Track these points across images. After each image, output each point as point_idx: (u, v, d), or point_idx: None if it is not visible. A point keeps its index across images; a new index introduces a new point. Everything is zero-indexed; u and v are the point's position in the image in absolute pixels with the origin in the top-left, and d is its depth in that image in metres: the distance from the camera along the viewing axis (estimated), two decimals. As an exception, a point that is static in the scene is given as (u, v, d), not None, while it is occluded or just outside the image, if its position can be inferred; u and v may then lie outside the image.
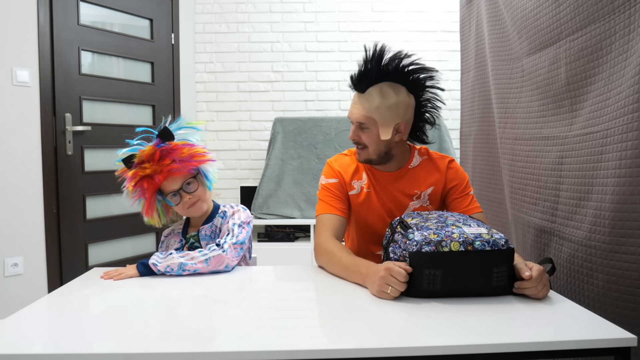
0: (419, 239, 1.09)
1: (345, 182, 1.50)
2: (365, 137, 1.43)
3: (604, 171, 1.24)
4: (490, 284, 1.09)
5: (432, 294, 1.09)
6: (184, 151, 1.38)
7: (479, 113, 2.19)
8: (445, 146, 3.48)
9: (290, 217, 3.38)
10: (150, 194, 1.38)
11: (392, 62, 1.40)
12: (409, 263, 1.10)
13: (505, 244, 1.08)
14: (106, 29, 3.03)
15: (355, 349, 0.86)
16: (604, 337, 0.88)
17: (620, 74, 1.20)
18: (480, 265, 1.08)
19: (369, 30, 3.77)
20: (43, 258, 2.70)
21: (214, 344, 0.87)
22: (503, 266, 1.08)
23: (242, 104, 3.82)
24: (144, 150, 1.38)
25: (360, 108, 1.42)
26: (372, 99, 1.40)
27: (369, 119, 1.41)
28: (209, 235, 1.47)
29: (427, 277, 1.07)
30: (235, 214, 1.47)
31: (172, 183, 1.39)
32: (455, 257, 1.07)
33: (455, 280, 1.08)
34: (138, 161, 1.37)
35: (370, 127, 1.42)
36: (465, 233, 1.09)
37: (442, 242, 1.08)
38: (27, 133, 2.61)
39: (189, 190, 1.40)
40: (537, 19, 1.56)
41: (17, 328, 0.95)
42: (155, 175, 1.35)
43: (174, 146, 1.38)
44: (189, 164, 1.38)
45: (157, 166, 1.35)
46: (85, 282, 1.28)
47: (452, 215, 1.25)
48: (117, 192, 1.43)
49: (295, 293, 1.20)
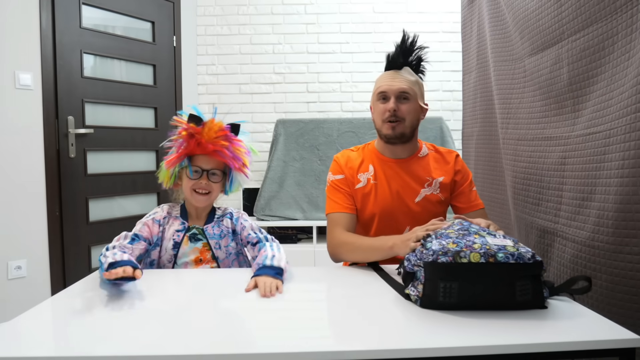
0: (437, 248, 1.03)
1: (351, 177, 1.56)
2: (405, 108, 1.49)
3: (607, 171, 1.23)
4: (514, 298, 1.01)
5: (449, 306, 1.01)
6: (240, 150, 1.45)
7: (481, 114, 2.18)
8: (448, 147, 3.47)
9: (292, 218, 3.38)
10: (185, 151, 1.42)
11: (416, 52, 1.55)
12: (424, 274, 1.04)
13: (531, 257, 1.01)
14: (108, 32, 3.04)
15: (360, 350, 0.85)
16: (608, 337, 0.88)
17: (623, 74, 1.19)
18: (501, 279, 1.00)
19: (371, 31, 3.77)
20: (46, 261, 2.70)
21: (218, 346, 0.87)
22: (527, 279, 1.01)
23: (244, 105, 3.82)
24: (215, 123, 1.42)
25: (402, 80, 1.50)
26: (409, 74, 1.52)
27: (411, 90, 1.50)
28: (217, 235, 1.49)
29: (443, 290, 1.01)
30: (242, 216, 1.55)
31: (207, 161, 1.45)
32: (473, 270, 0.99)
33: (473, 293, 1.00)
34: (206, 123, 1.41)
35: (410, 99, 1.50)
36: (488, 244, 1.03)
37: (461, 253, 1.01)
38: (30, 136, 2.62)
39: (212, 178, 1.45)
40: (539, 19, 1.55)
41: (20, 331, 0.95)
42: (204, 143, 1.40)
43: (237, 140, 1.45)
44: (233, 161, 1.43)
45: (213, 140, 1.41)
46: (89, 284, 1.28)
47: (473, 224, 1.19)
48: (120, 195, 1.44)
49: (297, 294, 1.19)
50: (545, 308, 1.03)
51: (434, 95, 3.78)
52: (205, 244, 1.48)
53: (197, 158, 1.45)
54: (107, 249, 1.35)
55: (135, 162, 3.21)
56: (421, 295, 1.04)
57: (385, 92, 1.50)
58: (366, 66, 3.79)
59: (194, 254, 1.47)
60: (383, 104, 1.51)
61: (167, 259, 1.46)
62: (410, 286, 1.09)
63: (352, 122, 3.50)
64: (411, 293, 1.07)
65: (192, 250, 1.47)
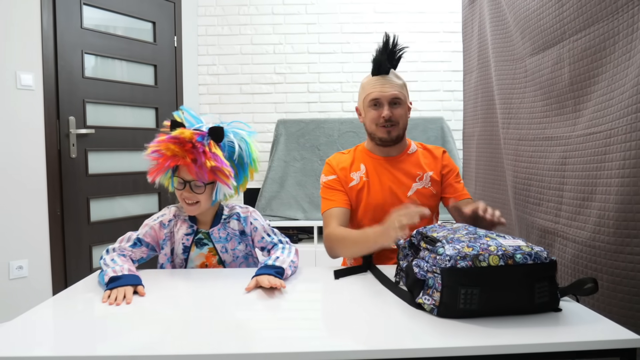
0: (452, 253, 0.97)
1: (344, 176, 1.60)
2: (398, 113, 1.55)
3: (608, 171, 1.23)
4: (532, 301, 0.97)
5: (469, 314, 0.96)
6: (209, 163, 1.29)
7: (482, 114, 2.18)
8: (448, 147, 3.47)
9: (293, 218, 3.38)
10: (164, 162, 1.32)
11: (398, 53, 1.58)
12: (441, 281, 0.98)
13: (547, 256, 0.98)
14: (109, 32, 3.05)
15: (360, 350, 0.85)
16: (609, 338, 0.88)
17: (624, 74, 1.19)
18: (522, 281, 0.96)
19: (371, 31, 3.77)
20: (47, 261, 2.71)
21: (218, 346, 0.87)
22: (545, 281, 0.98)
23: (244, 105, 3.83)
24: (185, 131, 1.31)
25: (392, 85, 1.54)
26: (396, 78, 1.56)
27: (402, 94, 1.55)
28: (224, 238, 1.44)
29: (464, 297, 0.95)
30: (252, 214, 1.47)
31: (186, 173, 1.34)
32: (495, 273, 0.95)
33: (494, 298, 0.96)
34: (173, 135, 1.31)
35: (402, 103, 1.56)
36: (503, 245, 0.99)
37: (480, 256, 0.95)
38: (31, 136, 2.63)
39: (195, 190, 1.36)
40: (540, 19, 1.55)
41: (22, 330, 0.95)
42: (174, 157, 1.30)
43: (207, 151, 1.30)
44: (204, 173, 1.30)
45: (181, 152, 1.29)
46: (90, 284, 1.28)
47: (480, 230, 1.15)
48: (121, 195, 1.43)
49: (297, 294, 1.19)
50: (560, 310, 1.01)
51: (434, 95, 3.78)
52: (212, 249, 1.44)
53: (181, 168, 1.35)
54: (107, 251, 1.35)
55: (136, 162, 3.21)
56: (438, 303, 0.98)
57: (377, 99, 1.54)
58: (367, 66, 3.75)
59: (199, 259, 1.44)
60: (376, 110, 1.55)
61: (179, 263, 1.44)
62: (422, 295, 1.02)
63: (352, 122, 3.50)
64: (425, 302, 1.00)
65: (198, 256, 1.44)
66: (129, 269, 1.24)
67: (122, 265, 1.24)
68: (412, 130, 3.14)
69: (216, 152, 1.32)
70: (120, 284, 1.16)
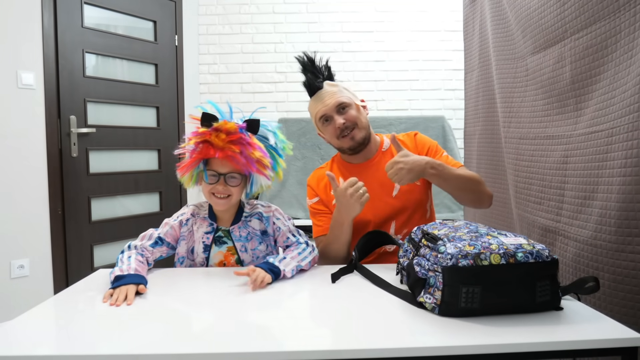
0: (454, 251, 0.97)
1: (325, 196, 1.62)
2: (349, 115, 1.54)
3: (609, 170, 1.23)
4: (534, 299, 0.97)
5: (470, 312, 0.96)
6: (256, 153, 1.30)
7: (483, 112, 2.18)
8: (450, 146, 3.47)
9: (294, 217, 3.39)
10: (199, 156, 1.30)
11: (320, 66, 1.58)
12: (442, 280, 0.98)
13: (549, 255, 0.98)
14: (110, 32, 3.05)
15: (361, 349, 0.85)
16: (610, 337, 0.88)
17: (626, 72, 1.19)
18: (523, 280, 0.96)
19: (372, 30, 3.76)
20: (49, 260, 2.71)
21: (218, 346, 0.87)
22: (547, 279, 0.98)
23: (246, 105, 3.82)
24: (228, 123, 1.29)
25: (330, 94, 1.55)
26: (331, 87, 1.56)
27: (344, 97, 1.55)
28: (244, 237, 1.41)
29: (465, 295, 0.95)
30: (275, 213, 1.45)
31: (222, 166, 1.33)
32: (496, 272, 0.95)
33: (496, 297, 0.96)
34: (216, 127, 1.29)
35: (349, 105, 1.55)
36: (505, 244, 0.99)
37: (481, 255, 0.96)
38: (32, 135, 2.63)
39: (229, 182, 1.34)
40: (542, 18, 1.55)
41: (23, 329, 0.95)
42: (217, 150, 1.28)
43: (252, 142, 1.31)
44: (249, 166, 1.30)
45: (225, 144, 1.28)
46: (91, 283, 1.28)
47: (480, 225, 1.16)
48: (122, 194, 1.42)
49: (297, 294, 1.19)
50: (561, 309, 1.01)
51: (435, 94, 3.78)
52: (231, 248, 1.42)
53: (213, 161, 1.33)
54: (129, 247, 1.36)
55: (137, 162, 3.21)
56: (439, 302, 0.98)
57: (325, 114, 1.55)
58: (368, 65, 3.79)
59: (217, 257, 1.42)
60: (330, 124, 1.55)
61: (200, 262, 1.42)
62: (423, 293, 1.02)
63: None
64: (426, 301, 1.01)
65: (216, 254, 1.42)
66: (135, 269, 1.24)
67: (129, 265, 1.25)
68: (413, 129, 3.14)
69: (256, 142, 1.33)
70: (123, 282, 1.16)
